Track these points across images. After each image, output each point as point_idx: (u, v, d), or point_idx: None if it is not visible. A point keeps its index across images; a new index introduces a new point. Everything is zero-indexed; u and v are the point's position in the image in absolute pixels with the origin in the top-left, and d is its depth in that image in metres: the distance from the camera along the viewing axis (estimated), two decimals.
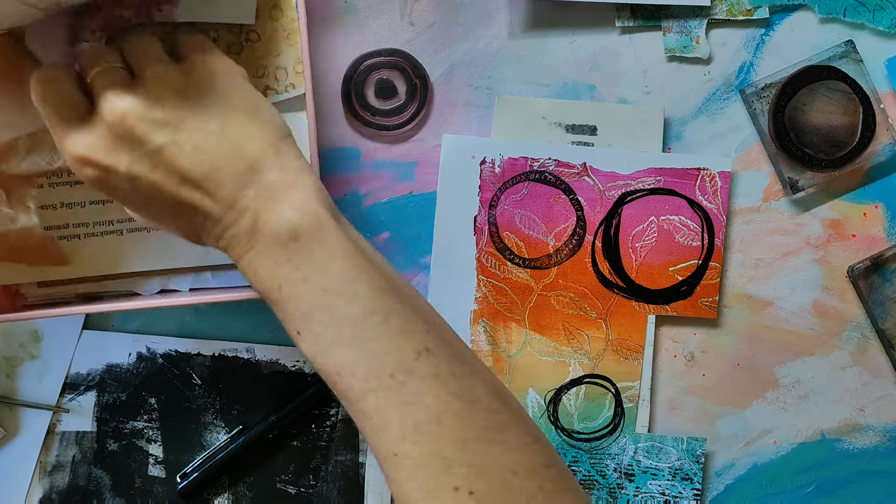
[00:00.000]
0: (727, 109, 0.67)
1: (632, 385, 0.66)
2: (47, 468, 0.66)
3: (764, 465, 0.68)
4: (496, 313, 0.66)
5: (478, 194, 0.65)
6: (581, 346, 0.66)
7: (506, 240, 0.65)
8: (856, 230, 0.67)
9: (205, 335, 0.66)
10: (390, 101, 0.65)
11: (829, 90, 0.66)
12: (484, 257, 0.66)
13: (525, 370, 0.66)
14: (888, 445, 0.68)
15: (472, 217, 0.65)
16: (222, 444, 0.66)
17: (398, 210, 0.66)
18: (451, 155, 0.65)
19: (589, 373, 0.66)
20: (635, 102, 0.66)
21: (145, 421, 0.66)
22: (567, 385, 0.66)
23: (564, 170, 0.65)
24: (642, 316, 0.66)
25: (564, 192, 0.65)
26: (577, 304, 0.66)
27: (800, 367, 0.68)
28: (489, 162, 0.65)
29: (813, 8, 0.66)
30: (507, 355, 0.66)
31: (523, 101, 0.66)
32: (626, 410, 0.66)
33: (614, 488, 0.66)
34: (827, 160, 0.65)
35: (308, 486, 0.66)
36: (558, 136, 0.66)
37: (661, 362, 0.67)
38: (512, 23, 0.66)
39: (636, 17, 0.66)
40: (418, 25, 0.66)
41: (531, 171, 0.65)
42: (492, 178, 0.65)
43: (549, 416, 0.66)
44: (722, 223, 0.66)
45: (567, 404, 0.66)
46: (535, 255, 0.66)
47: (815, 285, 0.67)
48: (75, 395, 0.66)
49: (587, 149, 0.65)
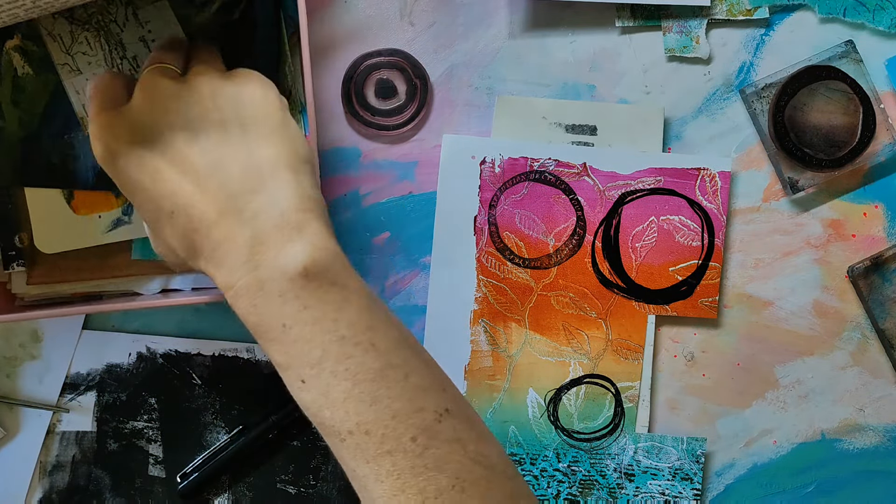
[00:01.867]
0: (727, 109, 0.67)
1: (632, 385, 0.66)
2: (47, 468, 0.66)
3: (764, 465, 0.68)
4: (496, 313, 0.66)
5: (478, 194, 0.65)
6: (581, 346, 0.66)
7: (506, 240, 0.65)
8: (856, 230, 0.67)
9: (205, 335, 0.66)
10: (390, 101, 0.65)
11: (829, 90, 0.66)
12: (484, 257, 0.66)
13: (525, 370, 0.66)
14: (888, 445, 0.68)
15: (472, 217, 0.65)
16: (222, 445, 0.66)
17: (398, 210, 0.66)
18: (451, 155, 0.65)
19: (589, 373, 0.66)
20: (635, 102, 0.66)
21: (145, 421, 0.66)
22: (567, 385, 0.66)
23: (564, 170, 0.65)
24: (642, 316, 0.66)
25: (564, 192, 0.65)
26: (577, 304, 0.66)
27: (800, 367, 0.68)
28: (489, 162, 0.65)
29: (813, 8, 0.66)
30: (507, 355, 0.66)
31: (523, 101, 0.66)
32: (626, 410, 0.66)
33: (614, 488, 0.66)
34: (827, 160, 0.65)
35: (308, 486, 0.67)
36: (558, 136, 0.66)
37: (661, 362, 0.67)
38: (512, 23, 0.66)
39: (636, 17, 0.66)
40: (418, 25, 0.66)
41: (531, 171, 0.65)
42: (492, 178, 0.65)
43: (549, 416, 0.66)
44: (722, 223, 0.66)
45: (567, 404, 0.66)
46: (535, 255, 0.66)
47: (815, 285, 0.67)
48: (75, 395, 0.66)
49: (587, 149, 0.65)
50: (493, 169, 0.65)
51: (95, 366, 0.66)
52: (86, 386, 0.66)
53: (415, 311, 0.66)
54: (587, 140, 0.66)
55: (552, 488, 0.66)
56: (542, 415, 0.66)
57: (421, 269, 0.66)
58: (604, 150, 0.65)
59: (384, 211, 0.66)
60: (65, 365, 0.66)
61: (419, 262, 0.66)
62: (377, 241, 0.66)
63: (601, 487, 0.66)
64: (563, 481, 0.66)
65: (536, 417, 0.66)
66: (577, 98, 0.66)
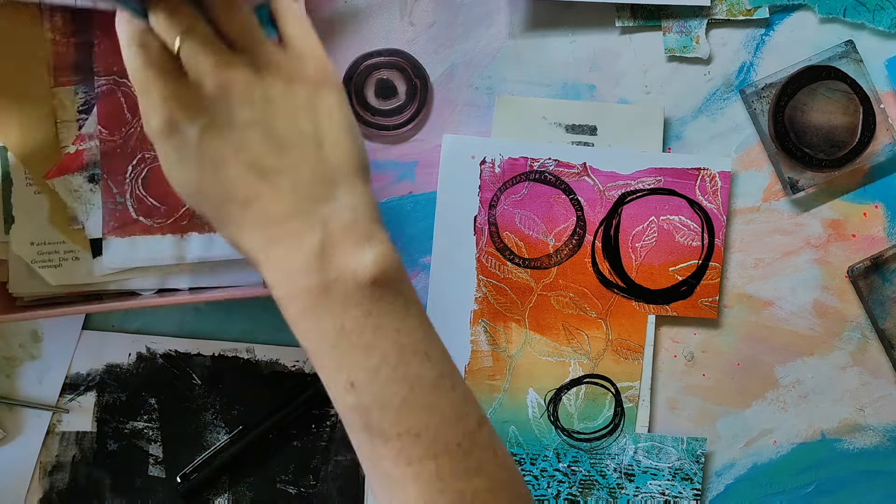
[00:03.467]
0: (727, 109, 0.67)
1: (632, 385, 0.66)
2: (47, 468, 0.66)
3: (764, 465, 0.68)
4: (496, 313, 0.66)
5: (478, 194, 0.65)
6: (581, 346, 0.66)
7: (506, 240, 0.65)
8: (856, 230, 0.67)
9: (205, 335, 0.66)
10: (390, 101, 0.65)
11: (829, 90, 0.66)
12: (484, 257, 0.66)
13: (525, 370, 0.66)
14: (888, 445, 0.68)
15: (472, 217, 0.65)
16: (222, 445, 0.66)
17: (398, 210, 0.66)
18: (451, 155, 0.65)
19: (589, 373, 0.66)
20: (635, 102, 0.66)
21: (145, 421, 0.66)
22: (567, 385, 0.66)
23: (564, 170, 0.65)
24: (642, 316, 0.66)
25: (564, 192, 0.65)
26: (577, 304, 0.66)
27: (800, 367, 0.67)
28: (489, 162, 0.65)
29: (813, 8, 0.66)
30: (508, 355, 0.66)
31: (523, 101, 0.66)
32: (626, 410, 0.66)
33: (614, 488, 0.66)
34: (827, 160, 0.65)
35: (308, 486, 0.66)
36: (558, 136, 0.66)
37: (661, 362, 0.67)
38: (512, 23, 0.66)
39: (636, 17, 0.66)
40: (418, 25, 0.66)
41: (531, 171, 0.65)
42: (492, 178, 0.65)
43: (549, 416, 0.66)
44: (722, 223, 0.66)
45: (567, 404, 0.66)
46: (534, 255, 0.66)
47: (815, 285, 0.67)
48: (75, 395, 0.66)
49: (587, 149, 0.65)
50: (493, 169, 0.65)
51: (95, 366, 0.66)
52: (86, 386, 0.66)
53: None
54: (587, 140, 0.66)
55: (552, 488, 0.66)
56: (542, 415, 0.66)
57: (421, 269, 0.66)
58: (604, 151, 0.65)
59: (384, 211, 0.66)
60: (65, 365, 0.66)
61: (419, 262, 0.66)
62: None
63: (601, 487, 0.66)
64: (563, 481, 0.66)
65: (536, 417, 0.66)
66: (578, 98, 0.66)
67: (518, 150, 0.65)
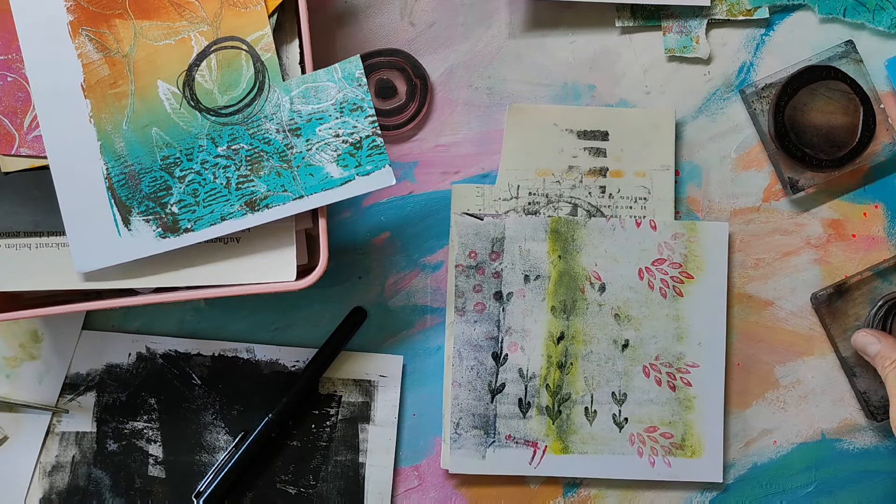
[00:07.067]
0: (727, 109, 0.67)
1: (263, 34, 0.59)
2: (47, 469, 0.66)
3: (764, 465, 0.68)
4: (94, 16, 0.59)
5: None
6: (195, 14, 0.59)
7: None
8: (856, 230, 0.67)
9: (205, 335, 0.66)
10: (390, 101, 0.65)
11: (829, 90, 0.66)
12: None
13: (146, 64, 0.59)
14: (888, 445, 0.68)
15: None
16: (231, 457, 0.65)
17: (398, 210, 0.66)
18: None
19: (213, 39, 0.59)
20: (635, 102, 0.66)
21: (145, 421, 0.66)
22: (195, 62, 0.59)
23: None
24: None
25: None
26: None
27: (800, 367, 0.68)
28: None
29: (813, 8, 0.66)
30: (122, 55, 0.59)
31: (534, 109, 0.65)
32: (266, 64, 0.59)
33: (283, 151, 0.59)
34: (827, 160, 0.65)
35: (308, 486, 0.66)
36: (570, 142, 0.65)
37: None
38: (512, 23, 0.66)
39: (636, 17, 0.66)
40: (418, 25, 0.66)
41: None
42: None
43: (188, 102, 0.59)
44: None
45: (203, 82, 0.59)
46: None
47: (815, 285, 0.67)
48: (75, 395, 0.66)
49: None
50: None
51: (95, 366, 0.66)
52: (85, 386, 0.66)
53: (415, 311, 0.66)
54: (599, 146, 0.66)
55: (220, 178, 0.59)
56: (180, 104, 0.59)
57: (421, 269, 0.66)
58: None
59: (384, 211, 0.66)
60: (64, 365, 0.66)
61: (419, 262, 0.66)
62: (377, 241, 0.66)
63: (270, 156, 0.59)
64: (228, 165, 0.59)
65: (176, 109, 0.59)
66: (578, 98, 0.66)
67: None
